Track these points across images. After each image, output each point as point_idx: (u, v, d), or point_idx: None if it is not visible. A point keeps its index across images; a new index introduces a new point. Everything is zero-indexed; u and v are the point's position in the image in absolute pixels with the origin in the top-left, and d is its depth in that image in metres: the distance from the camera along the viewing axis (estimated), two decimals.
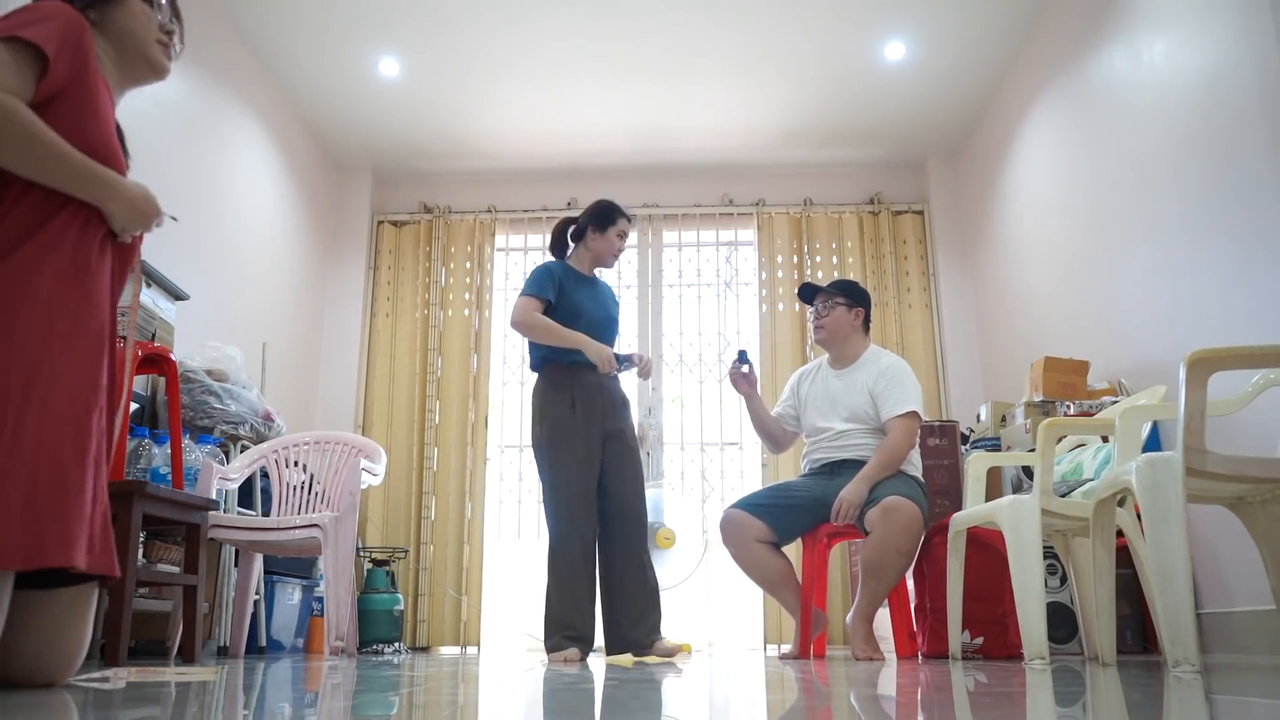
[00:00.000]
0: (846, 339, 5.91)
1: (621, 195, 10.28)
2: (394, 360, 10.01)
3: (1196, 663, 3.16)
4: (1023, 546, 4.46)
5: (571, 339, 5.66)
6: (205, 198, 7.67)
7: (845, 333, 5.90)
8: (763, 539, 5.69)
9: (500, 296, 10.32)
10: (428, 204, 10.42)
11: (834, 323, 5.91)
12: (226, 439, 6.62)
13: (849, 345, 5.91)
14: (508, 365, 10.14)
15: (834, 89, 8.96)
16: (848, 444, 5.71)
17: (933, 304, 9.91)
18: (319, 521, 5.93)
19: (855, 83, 8.87)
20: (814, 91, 9.00)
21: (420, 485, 9.63)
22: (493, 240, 10.29)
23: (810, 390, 6.01)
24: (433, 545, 9.48)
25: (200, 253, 7.56)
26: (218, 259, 7.83)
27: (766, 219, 10.16)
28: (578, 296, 5.87)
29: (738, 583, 8.87)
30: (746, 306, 10.15)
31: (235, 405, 6.58)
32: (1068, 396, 6.61)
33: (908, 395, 5.60)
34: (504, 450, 9.97)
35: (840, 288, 5.99)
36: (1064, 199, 7.62)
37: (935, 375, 9.66)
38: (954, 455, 7.21)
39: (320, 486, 6.64)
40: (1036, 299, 8.20)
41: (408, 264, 10.27)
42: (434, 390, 9.85)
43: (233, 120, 8.12)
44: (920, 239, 10.09)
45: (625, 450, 5.84)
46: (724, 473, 9.76)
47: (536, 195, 10.43)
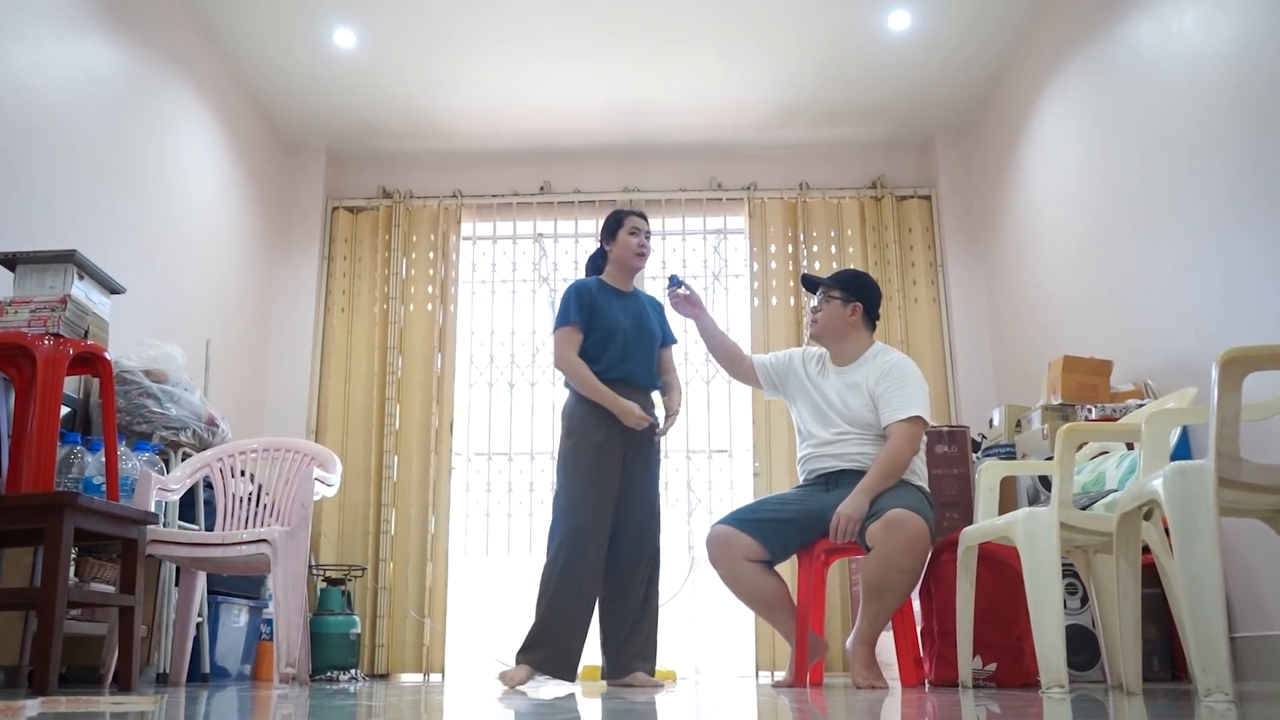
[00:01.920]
0: (841, 336, 5.87)
1: (600, 179, 10.33)
2: (350, 359, 10.01)
3: (1230, 691, 3.16)
4: (1040, 564, 4.43)
5: (606, 398, 5.90)
6: (141, 181, 7.64)
7: (839, 329, 5.87)
8: (754, 557, 5.64)
9: (467, 289, 10.35)
10: (387, 188, 10.43)
11: (826, 318, 5.89)
12: (166, 446, 6.60)
13: (846, 343, 5.87)
14: (474, 365, 10.17)
15: (833, 61, 8.96)
16: (846, 452, 5.67)
17: (941, 297, 9.93)
18: (268, 537, 5.91)
19: (856, 55, 8.87)
20: (811, 64, 9.00)
21: (379, 497, 9.61)
22: (458, 228, 10.31)
23: (808, 382, 5.95)
24: (392, 562, 9.47)
25: (137, 242, 7.53)
26: (156, 249, 7.80)
27: (758, 205, 10.18)
28: (611, 312, 6.07)
29: (727, 604, 8.88)
30: (737, 300, 10.16)
31: (176, 409, 6.56)
32: (1089, 399, 6.62)
33: (911, 397, 5.56)
34: (471, 458, 9.98)
35: (839, 280, 5.96)
36: (1085, 182, 7.65)
37: (943, 376, 9.69)
38: (964, 464, 7.22)
39: (269, 498, 6.62)
40: (1055, 292, 8.21)
41: (365, 254, 10.27)
42: (394, 392, 9.84)
43: (171, 95, 8.09)
44: (927, 226, 10.13)
45: (645, 471, 6.07)
46: (712, 483, 9.77)
47: (506, 178, 10.45)
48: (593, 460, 5.85)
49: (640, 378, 6.08)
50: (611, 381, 5.96)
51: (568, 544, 5.69)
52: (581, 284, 6.13)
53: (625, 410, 5.86)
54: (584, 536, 5.71)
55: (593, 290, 6.09)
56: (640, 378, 6.08)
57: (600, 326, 6.01)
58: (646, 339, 6.16)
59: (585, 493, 5.79)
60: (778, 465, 9.40)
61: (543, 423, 9.90)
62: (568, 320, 6.00)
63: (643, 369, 6.12)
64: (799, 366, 6.03)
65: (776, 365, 6.13)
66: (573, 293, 6.08)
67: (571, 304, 6.04)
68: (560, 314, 6.06)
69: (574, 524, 5.73)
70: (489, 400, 10.09)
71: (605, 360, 5.97)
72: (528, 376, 10.07)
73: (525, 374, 10.08)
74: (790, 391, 6.04)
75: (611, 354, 5.99)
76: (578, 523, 5.73)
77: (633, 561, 5.92)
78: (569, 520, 5.75)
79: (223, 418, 7.11)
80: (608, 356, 5.98)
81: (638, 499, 6.00)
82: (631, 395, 6.00)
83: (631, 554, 5.92)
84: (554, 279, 10.27)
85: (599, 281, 6.21)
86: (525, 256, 10.41)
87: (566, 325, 6.00)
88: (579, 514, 5.75)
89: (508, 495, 9.83)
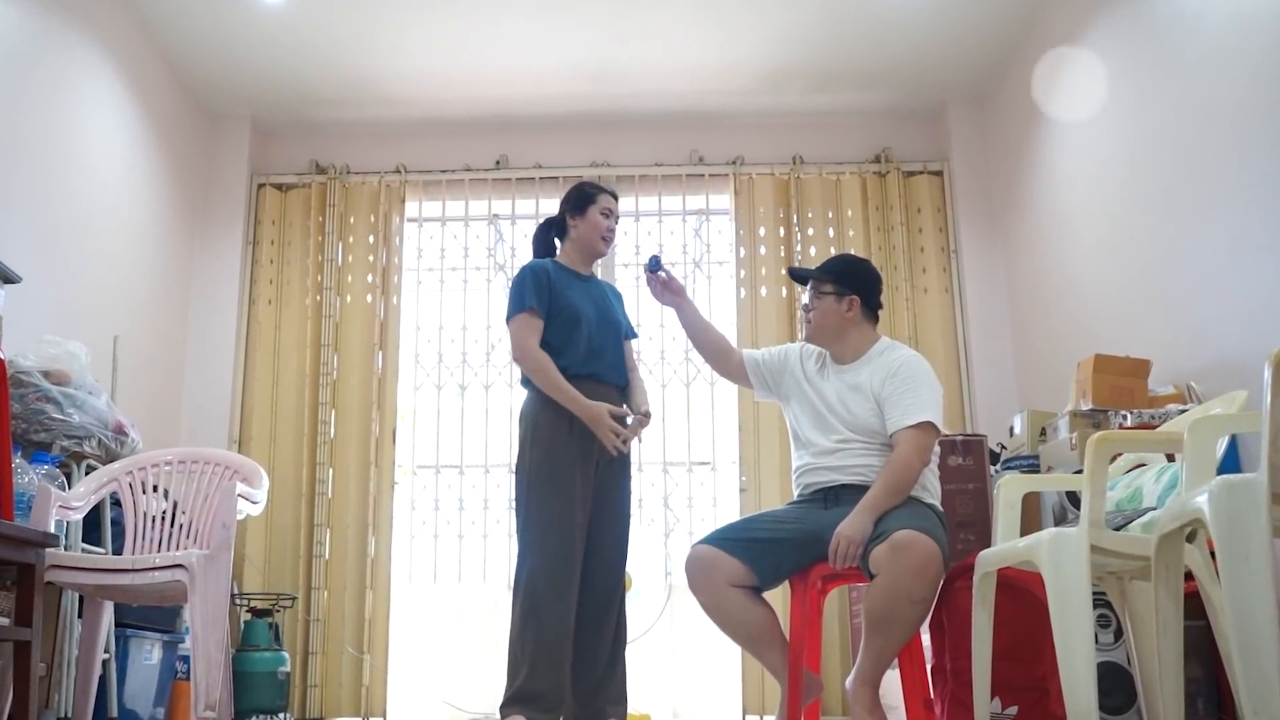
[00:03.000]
0: (839, 334, 5.81)
1: (564, 152, 10.35)
2: (279, 358, 9.98)
3: None
4: (1067, 592, 4.42)
5: (574, 402, 5.84)
6: (38, 155, 7.60)
7: (835, 327, 5.81)
8: (741, 582, 5.56)
9: (412, 278, 10.34)
10: (320, 162, 10.42)
11: (820, 317, 5.83)
12: (68, 458, 6.57)
13: (845, 341, 5.81)
14: (421, 365, 10.17)
15: (831, 17, 8.96)
16: (848, 464, 5.60)
17: (954, 287, 9.97)
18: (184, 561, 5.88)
19: (857, 9, 8.88)
20: (806, 20, 9.00)
21: (311, 516, 9.60)
22: (402, 208, 10.30)
23: (805, 382, 5.90)
24: (327, 591, 9.45)
25: (34, 225, 7.49)
26: (56, 233, 7.76)
27: (746, 181, 10.21)
28: (572, 296, 6.04)
29: (709, 637, 8.80)
30: (721, 290, 10.20)
31: (79, 415, 6.53)
32: (1124, 404, 6.62)
33: (922, 400, 5.48)
34: (416, 472, 10.00)
35: (830, 270, 5.90)
36: (1119, 154, 7.67)
37: (957, 377, 9.73)
38: (981, 478, 7.23)
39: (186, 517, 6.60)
40: (1084, 281, 8.23)
41: (296, 237, 10.26)
42: (329, 396, 9.83)
43: (73, 55, 8.05)
44: (938, 206, 10.17)
45: (617, 490, 6.07)
46: (692, 499, 9.80)
47: (457, 152, 10.45)
48: (564, 474, 5.82)
49: (611, 373, 6.08)
50: (579, 378, 5.91)
51: (544, 575, 5.66)
52: (537, 264, 6.10)
53: (596, 418, 5.81)
54: (561, 564, 5.68)
55: (550, 272, 6.06)
56: (611, 373, 6.08)
57: (563, 313, 5.97)
58: (613, 329, 6.17)
59: (558, 513, 5.75)
60: (768, 479, 9.42)
61: (499, 431, 9.86)
62: (524, 305, 5.95)
63: (613, 363, 6.13)
64: (796, 364, 5.98)
65: (770, 362, 6.08)
66: (528, 274, 6.03)
67: (528, 286, 5.98)
68: (514, 298, 6.01)
69: (549, 551, 5.68)
70: (437, 405, 10.08)
71: (571, 353, 5.95)
72: (481, 378, 10.06)
73: (479, 375, 10.08)
74: (785, 392, 5.99)
75: (577, 345, 5.96)
76: (553, 549, 5.69)
77: (603, 603, 5.91)
78: (543, 547, 5.71)
79: (133, 425, 7.09)
80: (573, 349, 5.95)
81: (610, 526, 5.99)
82: (603, 394, 5.96)
83: (602, 593, 5.91)
84: (511, 266, 10.26)
85: (555, 264, 6.18)
86: (479, 241, 10.41)
87: (523, 311, 5.94)
88: (553, 538, 5.70)
89: (459, 514, 9.82)
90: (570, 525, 5.74)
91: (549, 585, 5.65)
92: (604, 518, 5.96)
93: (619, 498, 6.07)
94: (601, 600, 5.90)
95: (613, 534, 5.99)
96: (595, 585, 5.89)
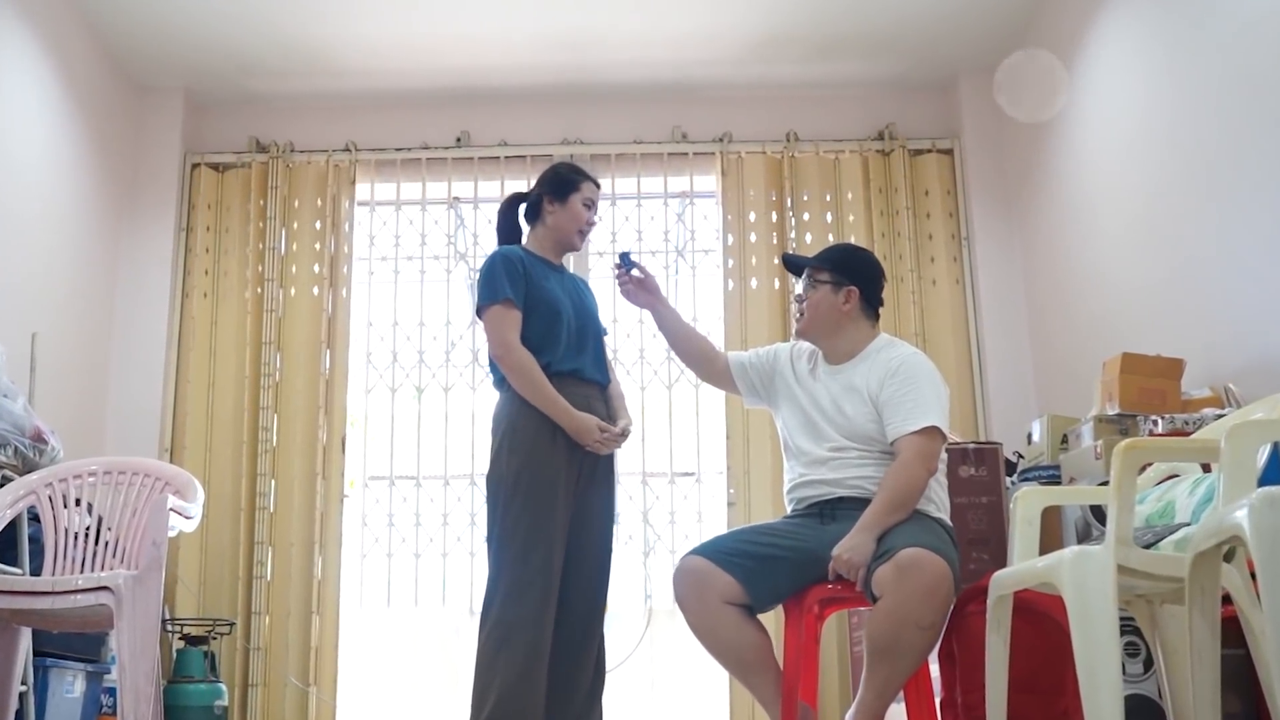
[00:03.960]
0: (834, 330, 5.83)
1: (532, 128, 10.36)
2: (215, 358, 9.94)
3: None
4: (1092, 618, 4.37)
5: (558, 410, 5.81)
6: None
7: (830, 321, 5.82)
8: (734, 600, 5.53)
9: (363, 268, 10.31)
10: (261, 139, 10.39)
11: (814, 308, 5.83)
12: None
13: (840, 337, 5.83)
14: (373, 365, 10.14)
15: None
16: (844, 476, 5.61)
17: (965, 278, 9.99)
18: (110, 583, 5.87)
19: None
20: None
21: (251, 532, 9.56)
22: (352, 190, 10.30)
23: (796, 385, 5.91)
24: (269, 616, 9.43)
25: None
26: None
27: (734, 161, 10.21)
28: (549, 287, 6.03)
29: (696, 663, 8.81)
30: (706, 282, 10.21)
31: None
32: (1154, 408, 6.62)
33: (925, 403, 5.49)
34: (368, 484, 9.97)
35: (827, 260, 5.91)
36: (1150, 131, 7.66)
37: (969, 378, 9.75)
38: (996, 490, 7.23)
39: (112, 534, 6.59)
40: (1111, 271, 8.22)
41: (234, 223, 10.21)
42: (270, 400, 9.80)
43: None
44: (948, 188, 10.17)
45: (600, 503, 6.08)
46: (675, 514, 9.80)
47: (413, 128, 10.44)
48: (546, 485, 5.78)
49: (594, 370, 6.10)
50: (561, 375, 5.90)
51: (519, 597, 5.63)
52: (509, 251, 6.08)
53: (583, 428, 5.81)
54: (539, 585, 5.65)
55: (523, 260, 6.03)
56: (594, 370, 6.10)
57: (542, 305, 5.95)
58: (591, 325, 6.19)
59: (538, 528, 5.71)
60: (759, 492, 9.41)
61: (459, 438, 9.87)
62: (499, 295, 5.89)
63: (595, 360, 6.15)
64: (786, 365, 5.99)
65: (758, 364, 6.08)
66: (500, 261, 5.99)
67: (500, 275, 5.93)
68: (486, 288, 5.96)
69: (526, 570, 5.67)
70: (391, 409, 10.05)
71: (552, 349, 5.93)
72: (440, 379, 10.03)
73: (437, 376, 10.04)
74: (776, 397, 6.00)
75: (559, 339, 5.95)
76: (531, 569, 5.66)
77: (582, 628, 5.90)
78: (519, 566, 5.68)
79: (53, 432, 7.08)
80: (554, 343, 5.94)
81: (591, 544, 5.99)
82: (585, 392, 5.98)
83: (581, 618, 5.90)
84: (473, 254, 10.27)
85: (526, 252, 6.14)
86: (437, 226, 10.41)
87: (498, 303, 5.88)
88: (531, 556, 5.68)
89: (415, 531, 9.79)
90: (551, 542, 5.72)
91: (525, 609, 5.62)
92: (585, 534, 5.95)
93: (601, 512, 6.08)
94: (580, 625, 5.89)
95: (594, 552, 5.99)
96: (574, 609, 5.87)
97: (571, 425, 5.78)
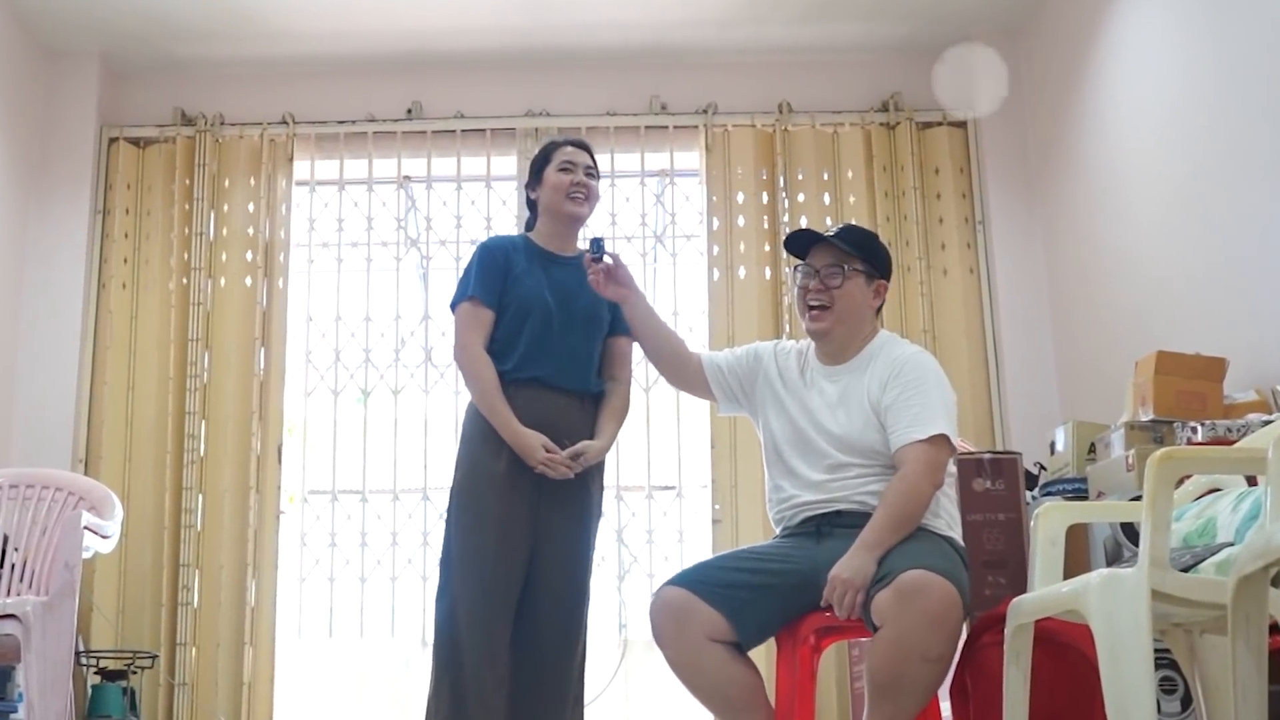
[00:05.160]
0: (857, 328, 5.74)
1: (492, 99, 10.36)
2: (135, 357, 9.89)
3: None
4: (1123, 650, 4.31)
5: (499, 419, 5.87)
6: None
7: (858, 319, 5.72)
8: (719, 636, 5.43)
9: (302, 256, 10.33)
10: (188, 111, 10.35)
11: (847, 301, 5.67)
12: None
13: (855, 336, 5.75)
14: (314, 365, 10.12)
15: None
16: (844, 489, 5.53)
17: (980, 267, 9.97)
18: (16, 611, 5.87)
19: None
20: None
21: (176, 554, 9.54)
22: (290, 168, 10.32)
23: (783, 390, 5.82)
24: (196, 648, 9.40)
25: None
26: None
27: (720, 135, 10.21)
28: (530, 283, 6.06)
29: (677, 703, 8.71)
30: (687, 270, 10.28)
31: None
32: (1194, 414, 6.62)
33: (931, 409, 5.42)
34: (308, 499, 9.97)
35: (855, 243, 5.75)
36: (1191, 102, 7.61)
37: (985, 380, 9.74)
38: (1014, 506, 7.18)
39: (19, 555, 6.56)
40: (1145, 259, 8.18)
41: (157, 205, 10.17)
42: (197, 404, 9.76)
43: None
44: (961, 166, 10.16)
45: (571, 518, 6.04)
46: (652, 534, 9.76)
47: (359, 98, 10.42)
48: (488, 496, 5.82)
49: (565, 377, 6.05)
50: (519, 384, 5.92)
51: (463, 616, 5.72)
52: (496, 242, 6.16)
53: (524, 447, 5.81)
54: (484, 604, 5.70)
55: (508, 252, 6.09)
56: (565, 377, 6.05)
57: (512, 305, 5.99)
58: (583, 325, 6.14)
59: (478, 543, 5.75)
60: (747, 508, 9.36)
61: (411, 447, 9.85)
62: (465, 293, 6.01)
63: (571, 366, 6.10)
64: (770, 367, 5.89)
65: (736, 367, 5.97)
66: (478, 254, 6.10)
67: (472, 270, 6.04)
68: (459, 283, 6.10)
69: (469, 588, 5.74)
70: (334, 415, 10.02)
71: (511, 354, 5.95)
72: (389, 381, 10.00)
73: (385, 378, 10.02)
74: (759, 404, 5.90)
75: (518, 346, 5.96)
76: (475, 586, 5.72)
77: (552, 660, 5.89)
78: (463, 583, 5.77)
79: None
80: (513, 350, 5.99)
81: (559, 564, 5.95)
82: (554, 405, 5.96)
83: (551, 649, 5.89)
84: (427, 241, 10.24)
85: (526, 241, 6.22)
86: (386, 209, 10.38)
87: (465, 300, 6.00)
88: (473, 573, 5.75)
89: (360, 552, 9.76)
90: (492, 562, 5.75)
91: (469, 629, 5.69)
92: (546, 561, 5.92)
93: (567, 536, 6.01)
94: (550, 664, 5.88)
95: (558, 582, 5.94)
96: (541, 645, 5.87)
97: (514, 442, 5.82)
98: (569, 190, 6.09)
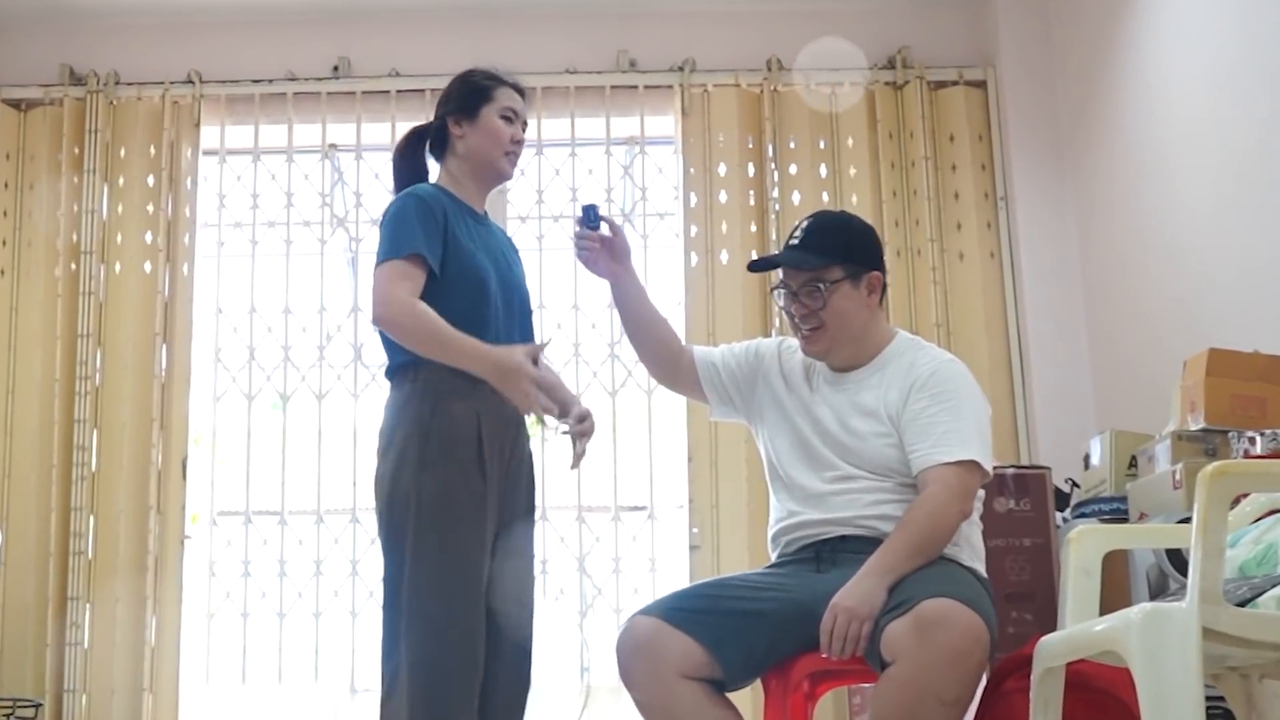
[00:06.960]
0: (861, 334, 5.66)
1: (431, 54, 10.24)
2: (15, 355, 9.90)
3: None
4: (1168, 697, 4.21)
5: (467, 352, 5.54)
6: None
7: (858, 327, 5.63)
8: (695, 672, 5.31)
9: (210, 237, 10.28)
10: (77, 69, 10.30)
11: (838, 319, 5.58)
12: None
13: (864, 341, 5.68)
14: (224, 365, 10.09)
15: None
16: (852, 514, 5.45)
17: (1002, 250, 9.96)
18: None
19: None
20: None
21: (64, 585, 9.52)
22: (196, 135, 10.32)
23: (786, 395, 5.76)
24: (86, 694, 9.39)
25: None
26: None
27: (698, 97, 10.23)
28: (472, 250, 5.77)
29: None
30: (662, 255, 10.24)
31: None
32: (1251, 422, 6.57)
33: (963, 429, 5.35)
34: (217, 521, 9.94)
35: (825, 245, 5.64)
36: (1249, 56, 7.50)
37: (1008, 381, 9.74)
38: (1042, 530, 7.15)
39: None
40: (1193, 242, 8.12)
41: (41, 178, 10.13)
42: (88, 411, 9.72)
43: None
44: (980, 132, 10.16)
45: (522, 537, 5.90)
46: (619, 561, 9.75)
47: (277, 54, 10.40)
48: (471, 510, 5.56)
49: None
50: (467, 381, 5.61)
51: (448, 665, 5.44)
52: (427, 192, 5.81)
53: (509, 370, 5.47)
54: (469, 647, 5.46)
55: (446, 209, 5.74)
56: None
57: (466, 274, 5.71)
58: (518, 299, 6.00)
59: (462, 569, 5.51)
60: (730, 532, 9.36)
61: (338, 460, 9.82)
62: (403, 249, 5.56)
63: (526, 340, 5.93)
64: (772, 368, 5.83)
65: (734, 366, 5.90)
66: (413, 205, 5.67)
67: (414, 221, 5.61)
68: (392, 238, 5.63)
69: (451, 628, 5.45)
70: (247, 423, 9.99)
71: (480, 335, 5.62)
72: (312, 383, 9.99)
73: (308, 379, 10.01)
74: (758, 410, 5.85)
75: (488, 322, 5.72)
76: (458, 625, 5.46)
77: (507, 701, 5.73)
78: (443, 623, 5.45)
79: None
80: (483, 328, 5.68)
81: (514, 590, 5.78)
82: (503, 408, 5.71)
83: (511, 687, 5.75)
84: (356, 220, 10.21)
85: (445, 193, 5.86)
86: (309, 182, 10.39)
87: (398, 258, 5.55)
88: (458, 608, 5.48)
89: (279, 582, 9.73)
90: (478, 587, 5.53)
91: (456, 681, 5.43)
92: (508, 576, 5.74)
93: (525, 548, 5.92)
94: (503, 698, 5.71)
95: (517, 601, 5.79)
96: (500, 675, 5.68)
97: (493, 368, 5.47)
98: (507, 146, 5.87)
